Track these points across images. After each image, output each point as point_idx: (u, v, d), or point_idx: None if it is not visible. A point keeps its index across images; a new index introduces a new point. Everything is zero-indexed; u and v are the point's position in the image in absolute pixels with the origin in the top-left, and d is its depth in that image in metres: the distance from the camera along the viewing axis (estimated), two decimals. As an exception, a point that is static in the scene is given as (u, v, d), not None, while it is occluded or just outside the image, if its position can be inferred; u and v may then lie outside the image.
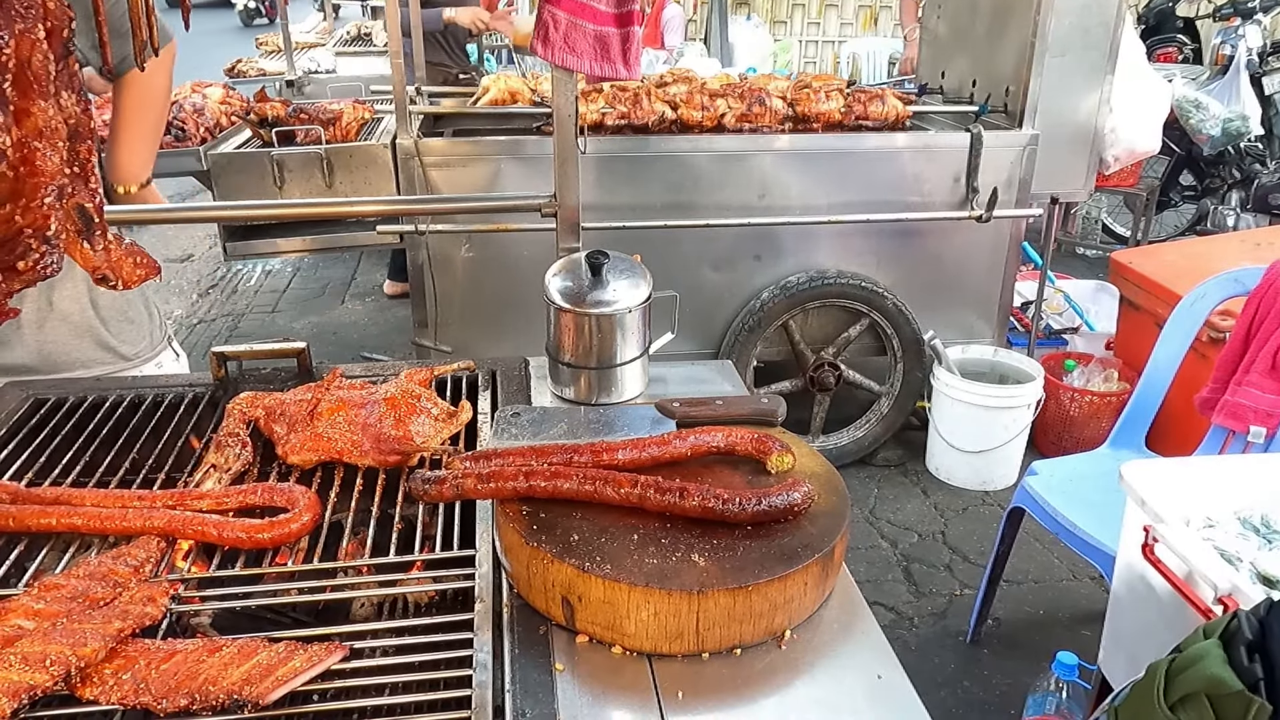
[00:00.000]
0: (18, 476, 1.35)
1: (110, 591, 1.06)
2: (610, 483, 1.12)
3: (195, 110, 3.82)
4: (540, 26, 1.69)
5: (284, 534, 1.18)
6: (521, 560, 1.09)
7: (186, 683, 0.91)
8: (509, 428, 1.41)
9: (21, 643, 0.94)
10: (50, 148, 0.88)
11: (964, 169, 3.41)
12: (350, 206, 2.83)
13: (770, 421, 1.37)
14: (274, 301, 5.72)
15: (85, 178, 0.99)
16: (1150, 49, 6.90)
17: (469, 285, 3.39)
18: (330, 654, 0.96)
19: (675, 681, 1.01)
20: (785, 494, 1.10)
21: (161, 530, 1.18)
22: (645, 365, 1.63)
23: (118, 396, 1.57)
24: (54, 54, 0.89)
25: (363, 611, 1.20)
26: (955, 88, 4.02)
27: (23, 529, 1.20)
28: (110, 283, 1.04)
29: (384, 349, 4.98)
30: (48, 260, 0.92)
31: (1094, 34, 3.54)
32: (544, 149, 3.13)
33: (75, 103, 0.96)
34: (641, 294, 1.57)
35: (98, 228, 1.02)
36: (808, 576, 1.06)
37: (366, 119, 3.71)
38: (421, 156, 3.21)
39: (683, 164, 3.34)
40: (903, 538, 3.47)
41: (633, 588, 1.01)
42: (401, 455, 1.36)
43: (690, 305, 3.33)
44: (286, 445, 1.38)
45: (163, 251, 6.42)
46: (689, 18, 8.54)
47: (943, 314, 3.68)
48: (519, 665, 1.02)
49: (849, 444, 3.85)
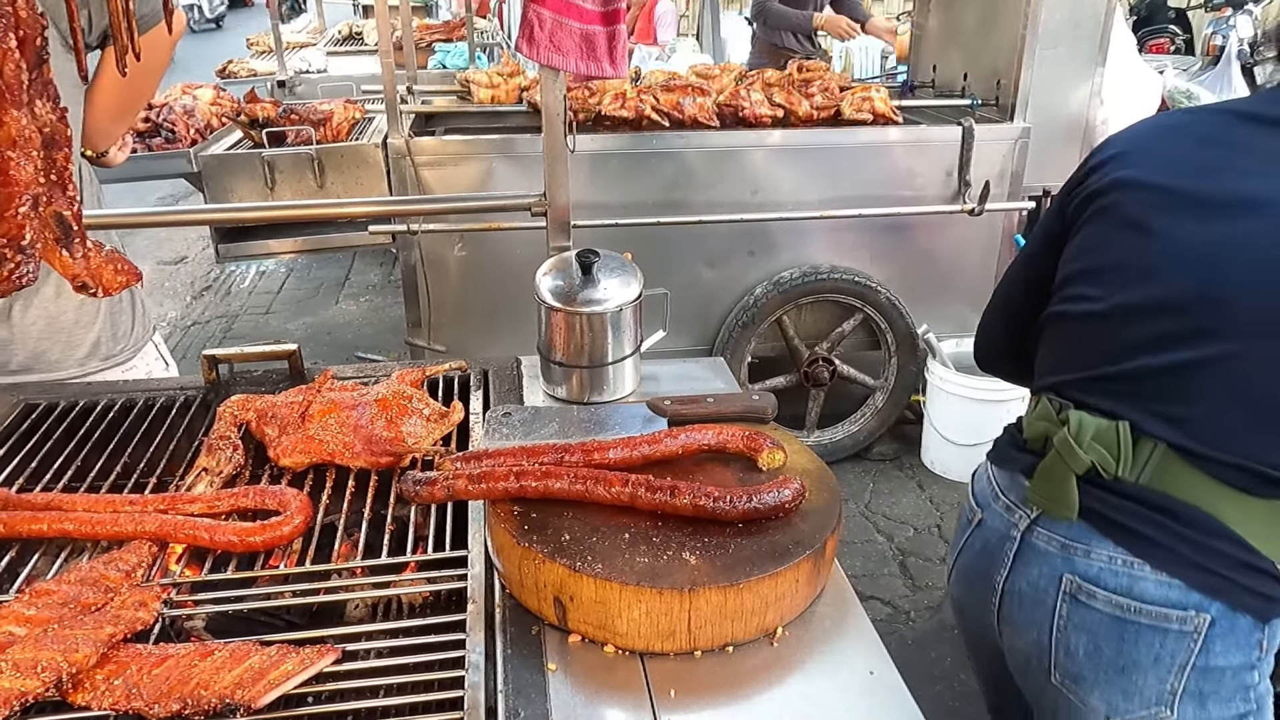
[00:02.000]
0: (9, 482, 1.35)
1: (102, 597, 1.05)
2: (601, 482, 1.12)
3: (185, 112, 3.81)
4: (525, 26, 1.69)
5: (276, 537, 1.18)
6: (513, 560, 1.09)
7: (178, 687, 0.91)
8: (500, 428, 1.41)
9: (13, 649, 0.93)
10: (24, 157, 0.87)
11: (956, 162, 3.41)
12: (341, 208, 2.83)
13: (762, 419, 1.37)
14: (268, 303, 5.71)
15: (62, 185, 0.99)
16: (1142, 40, 6.92)
17: (462, 285, 3.39)
18: (323, 656, 0.96)
19: (668, 680, 1.01)
20: (776, 491, 1.10)
21: (153, 534, 1.18)
22: (637, 363, 1.63)
23: (109, 401, 1.57)
24: (27, 63, 0.89)
25: (356, 613, 1.20)
26: (947, 81, 4.02)
27: (14, 535, 1.20)
28: (90, 290, 1.03)
29: (378, 349, 4.98)
30: (23, 270, 0.92)
31: (1085, 26, 3.54)
32: (535, 148, 3.12)
33: (50, 110, 0.95)
34: (633, 292, 1.57)
35: (76, 235, 1.01)
36: (799, 573, 1.06)
37: (357, 119, 3.71)
38: (413, 156, 3.20)
39: (674, 161, 3.34)
40: (898, 532, 3.48)
41: (624, 587, 1.01)
42: (393, 456, 1.35)
43: (684, 302, 3.34)
44: (278, 448, 1.38)
45: (155, 254, 6.41)
46: (681, 13, 8.54)
47: (936, 308, 3.69)
48: (512, 665, 1.02)
49: (844, 439, 3.85)
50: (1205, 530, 1.17)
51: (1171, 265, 1.20)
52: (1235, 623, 1.19)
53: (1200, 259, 1.18)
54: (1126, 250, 1.26)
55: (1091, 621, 1.26)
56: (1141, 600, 1.21)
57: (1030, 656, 1.36)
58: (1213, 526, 1.16)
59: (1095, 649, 1.27)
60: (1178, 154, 1.27)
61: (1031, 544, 1.32)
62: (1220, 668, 1.21)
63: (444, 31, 6.96)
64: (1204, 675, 1.21)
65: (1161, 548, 1.19)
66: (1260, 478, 1.14)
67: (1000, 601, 1.39)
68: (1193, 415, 1.17)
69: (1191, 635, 1.20)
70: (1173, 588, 1.19)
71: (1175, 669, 1.22)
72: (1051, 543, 1.29)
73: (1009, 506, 1.37)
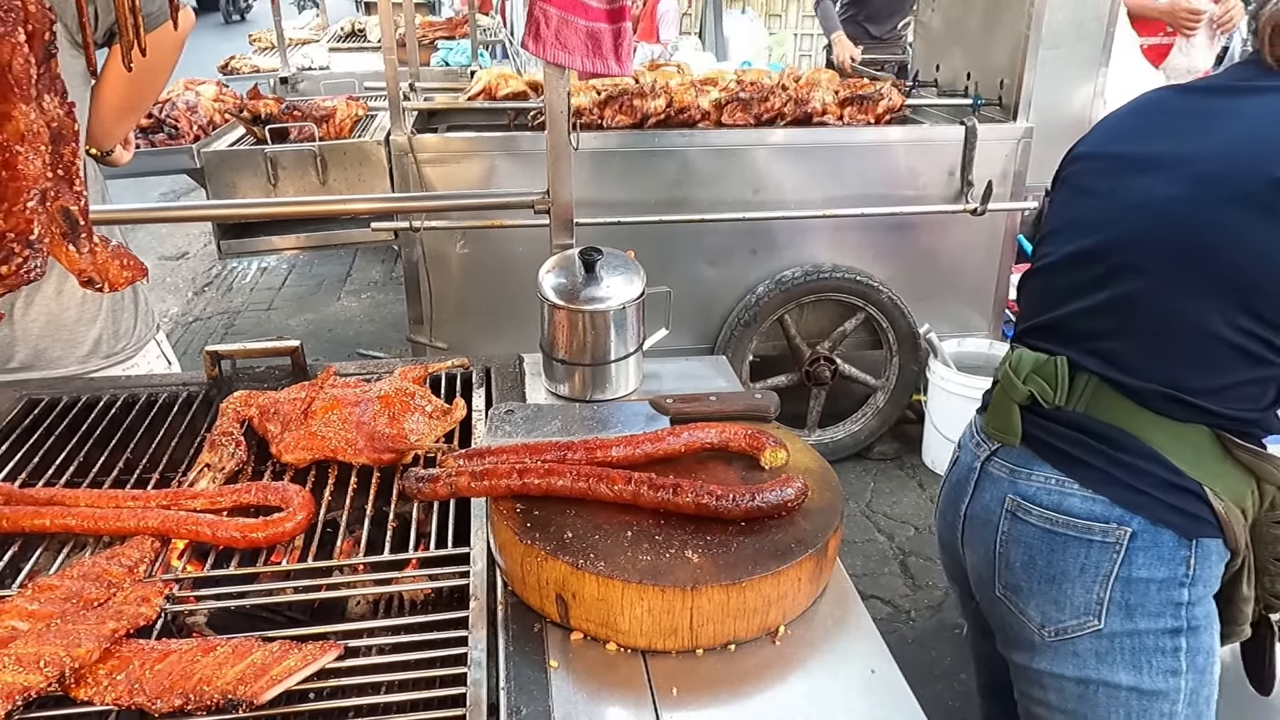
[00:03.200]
0: (11, 477, 1.35)
1: (104, 592, 1.06)
2: (604, 480, 1.12)
3: (188, 108, 3.81)
4: (532, 23, 1.69)
5: (278, 533, 1.18)
6: (515, 558, 1.09)
7: (181, 683, 0.91)
8: (503, 425, 1.41)
9: (16, 644, 0.93)
10: (32, 152, 0.87)
11: (959, 162, 3.41)
12: (343, 205, 2.82)
13: (764, 417, 1.37)
14: (270, 299, 5.71)
15: (69, 180, 0.99)
16: (1145, 40, 6.89)
17: (464, 282, 3.39)
18: (325, 653, 0.96)
19: (670, 678, 1.01)
20: (778, 490, 1.10)
21: (156, 530, 1.18)
22: (639, 361, 1.63)
23: (111, 396, 1.57)
24: (35, 57, 0.89)
25: (358, 610, 1.20)
26: (950, 81, 4.01)
27: (17, 530, 1.20)
28: (97, 285, 1.03)
29: (380, 346, 4.98)
30: (31, 265, 0.92)
31: (1088, 26, 3.54)
32: (538, 145, 3.12)
33: (58, 105, 0.95)
34: (635, 290, 1.57)
35: (83, 230, 1.01)
36: (801, 572, 1.06)
37: (360, 115, 3.71)
38: (415, 153, 3.20)
39: (677, 159, 3.34)
40: (899, 531, 3.48)
41: (627, 584, 1.01)
42: (396, 453, 1.36)
43: (686, 300, 3.34)
44: (280, 444, 1.38)
45: (157, 250, 6.41)
46: (684, 12, 8.53)
47: (938, 307, 3.69)
48: (513, 663, 1.02)
49: (845, 438, 3.85)
50: (1133, 453, 1.27)
51: (1103, 218, 1.34)
52: (1158, 537, 1.28)
53: (1121, 211, 1.31)
54: (1075, 211, 1.40)
55: (1027, 535, 1.38)
56: (1069, 515, 1.33)
57: (982, 572, 1.49)
58: (1141, 450, 1.27)
59: (1030, 561, 1.38)
60: (1127, 125, 1.41)
61: (988, 472, 1.45)
62: (1144, 579, 1.30)
63: (447, 28, 6.96)
64: (1128, 586, 1.30)
65: (1091, 468, 1.31)
66: (1182, 404, 1.24)
67: (963, 527, 1.51)
68: (1118, 349, 1.28)
69: (1114, 547, 1.30)
70: (1097, 503, 1.31)
71: (1100, 579, 1.32)
72: (1002, 469, 1.42)
73: (978, 443, 1.50)
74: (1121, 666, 1.33)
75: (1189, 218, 1.23)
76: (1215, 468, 1.25)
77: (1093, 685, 1.36)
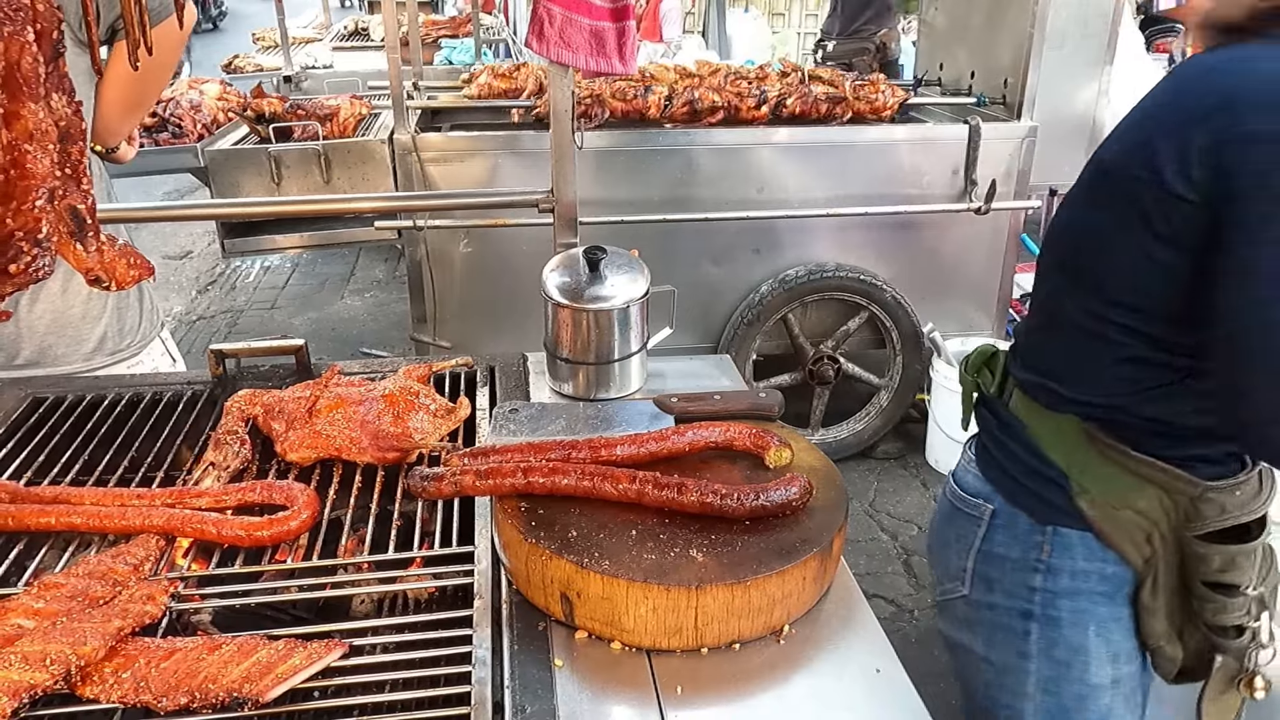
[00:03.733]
0: (17, 475, 1.35)
1: (110, 590, 1.06)
2: (608, 479, 1.12)
3: (192, 107, 3.81)
4: (536, 22, 1.69)
5: (283, 531, 1.18)
6: (520, 556, 1.09)
7: (186, 681, 0.91)
8: (507, 424, 1.41)
9: (21, 642, 0.94)
10: (41, 150, 0.88)
11: (962, 161, 3.40)
12: (347, 204, 2.82)
13: (769, 416, 1.37)
14: (273, 298, 5.72)
15: (77, 179, 0.99)
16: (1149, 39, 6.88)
17: (467, 281, 3.39)
18: (330, 651, 0.96)
19: (674, 677, 1.01)
20: (783, 489, 1.10)
21: (161, 528, 1.18)
22: (644, 360, 1.63)
23: (116, 395, 1.57)
24: (43, 56, 0.89)
25: (362, 608, 1.20)
26: (953, 79, 4.01)
27: (22, 528, 1.20)
28: (104, 284, 1.03)
29: (383, 344, 4.98)
30: (39, 263, 0.92)
31: (1092, 25, 3.54)
32: (541, 143, 3.12)
33: (66, 104, 0.95)
34: (639, 289, 1.57)
35: (90, 229, 1.01)
36: (806, 571, 1.06)
37: (364, 114, 3.71)
38: (419, 152, 3.20)
39: (681, 158, 3.34)
40: (903, 530, 3.48)
41: (631, 583, 1.01)
42: (400, 452, 1.35)
43: (689, 299, 3.34)
44: (285, 443, 1.38)
45: (161, 248, 6.42)
46: (687, 10, 8.52)
47: (942, 307, 3.68)
48: (518, 661, 1.02)
49: (848, 437, 3.85)
50: (1014, 438, 1.35)
51: None
52: (1014, 518, 1.35)
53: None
54: None
55: (941, 506, 1.52)
56: (960, 489, 1.45)
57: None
58: (1019, 436, 1.34)
59: (934, 528, 1.53)
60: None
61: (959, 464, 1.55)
62: (1001, 556, 1.37)
63: (450, 27, 6.97)
64: (988, 560, 1.39)
65: (985, 450, 1.41)
66: (1052, 392, 1.29)
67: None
68: (1022, 342, 1.37)
69: (978, 521, 1.39)
70: (978, 480, 1.41)
71: (967, 550, 1.41)
72: (963, 459, 1.51)
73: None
74: (978, 635, 1.42)
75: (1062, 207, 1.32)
76: (1083, 459, 1.26)
77: (961, 649, 1.47)
